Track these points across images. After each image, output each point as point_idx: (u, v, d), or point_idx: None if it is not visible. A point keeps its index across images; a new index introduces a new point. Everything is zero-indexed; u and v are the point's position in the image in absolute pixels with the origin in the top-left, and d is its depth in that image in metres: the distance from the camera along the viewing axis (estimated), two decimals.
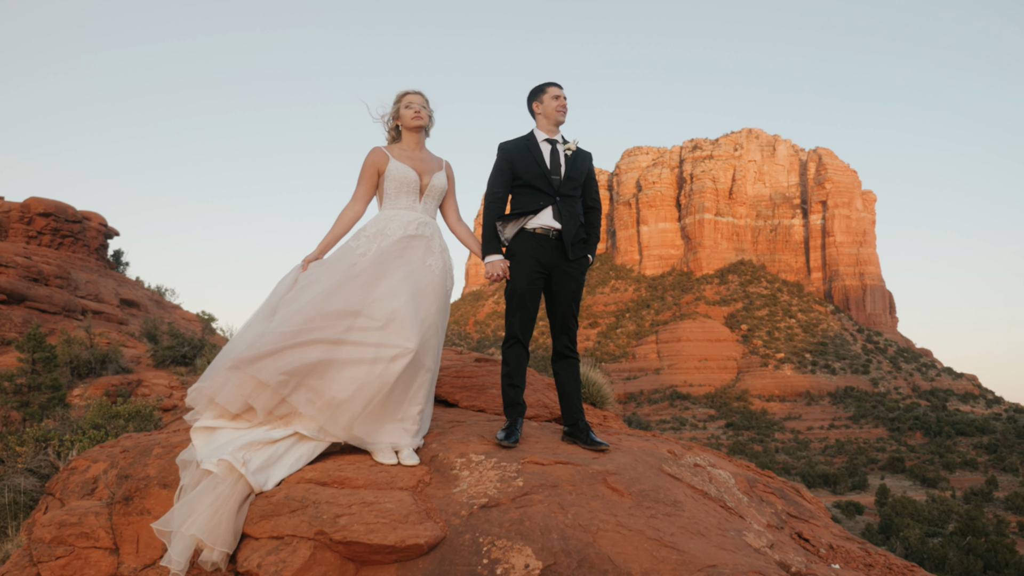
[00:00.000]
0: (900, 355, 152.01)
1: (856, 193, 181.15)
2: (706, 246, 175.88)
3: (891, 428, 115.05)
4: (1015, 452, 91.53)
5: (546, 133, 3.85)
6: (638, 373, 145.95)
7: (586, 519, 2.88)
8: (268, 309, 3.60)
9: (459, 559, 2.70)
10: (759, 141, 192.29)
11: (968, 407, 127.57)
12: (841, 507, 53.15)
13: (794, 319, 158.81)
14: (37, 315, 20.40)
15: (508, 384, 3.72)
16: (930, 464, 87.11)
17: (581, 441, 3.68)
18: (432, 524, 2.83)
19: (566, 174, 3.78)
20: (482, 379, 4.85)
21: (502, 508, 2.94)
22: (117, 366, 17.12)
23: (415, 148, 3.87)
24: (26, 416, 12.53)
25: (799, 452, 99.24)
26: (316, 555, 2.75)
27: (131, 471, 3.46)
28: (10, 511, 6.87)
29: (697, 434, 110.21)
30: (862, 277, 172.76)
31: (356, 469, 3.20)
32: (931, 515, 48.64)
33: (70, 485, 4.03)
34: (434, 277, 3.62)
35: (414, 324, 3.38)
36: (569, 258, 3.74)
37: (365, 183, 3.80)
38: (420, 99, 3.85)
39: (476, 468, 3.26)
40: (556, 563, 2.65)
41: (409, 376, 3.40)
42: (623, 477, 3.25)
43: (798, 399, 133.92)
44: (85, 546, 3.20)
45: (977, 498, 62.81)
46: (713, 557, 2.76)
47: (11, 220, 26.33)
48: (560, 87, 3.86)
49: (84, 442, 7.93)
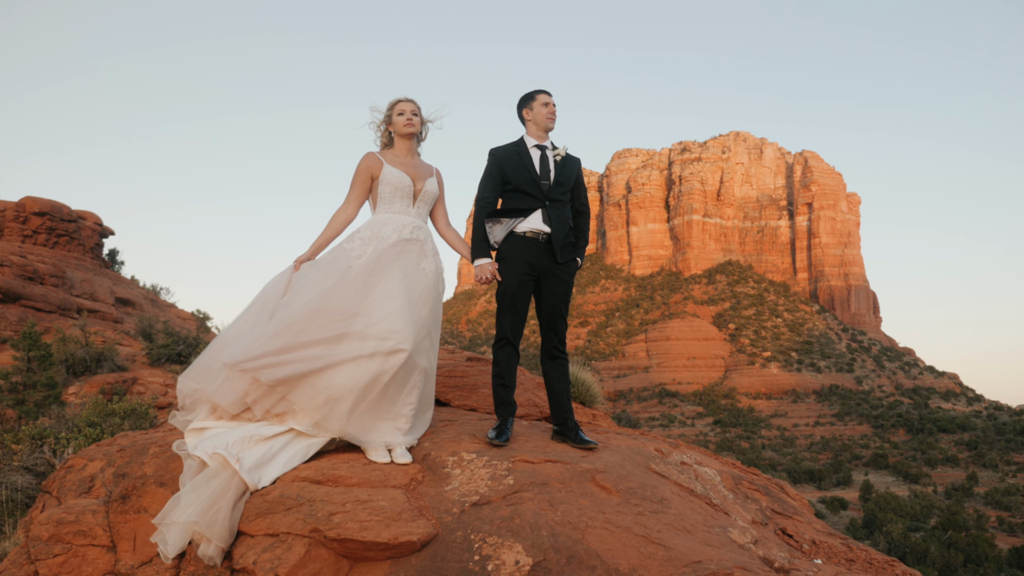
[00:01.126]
0: (883, 354, 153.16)
1: (841, 195, 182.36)
2: (694, 247, 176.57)
3: (875, 425, 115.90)
4: (995, 449, 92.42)
5: (536, 139, 3.86)
6: (628, 371, 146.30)
7: (575, 516, 2.90)
8: (264, 310, 3.59)
9: (451, 556, 2.72)
10: (746, 144, 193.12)
11: (949, 405, 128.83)
12: (826, 502, 53.52)
13: (780, 318, 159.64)
14: (32, 314, 20.24)
15: (499, 384, 3.74)
16: (912, 460, 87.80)
17: (570, 440, 3.70)
18: (425, 521, 2.85)
19: (555, 179, 3.80)
20: (473, 379, 4.87)
21: (493, 506, 2.96)
22: (112, 364, 17.01)
23: (407, 154, 3.87)
24: (22, 414, 12.43)
25: (785, 449, 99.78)
26: (311, 552, 2.76)
27: (128, 470, 3.46)
28: (6, 508, 6.84)
29: (685, 431, 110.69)
30: (847, 277, 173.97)
31: (350, 467, 3.21)
32: (913, 510, 49.04)
33: (67, 483, 4.01)
34: (428, 280, 3.64)
35: (409, 325, 3.40)
36: (558, 261, 3.76)
37: (358, 187, 3.79)
38: (412, 106, 3.85)
39: (468, 466, 3.27)
40: (546, 559, 2.67)
41: (403, 376, 3.41)
42: (611, 475, 3.27)
43: (784, 397, 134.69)
44: (82, 544, 3.20)
45: (958, 494, 63.39)
46: (698, 553, 2.79)
47: (6, 219, 26.09)
48: (549, 94, 3.87)
49: (80, 440, 7.88)
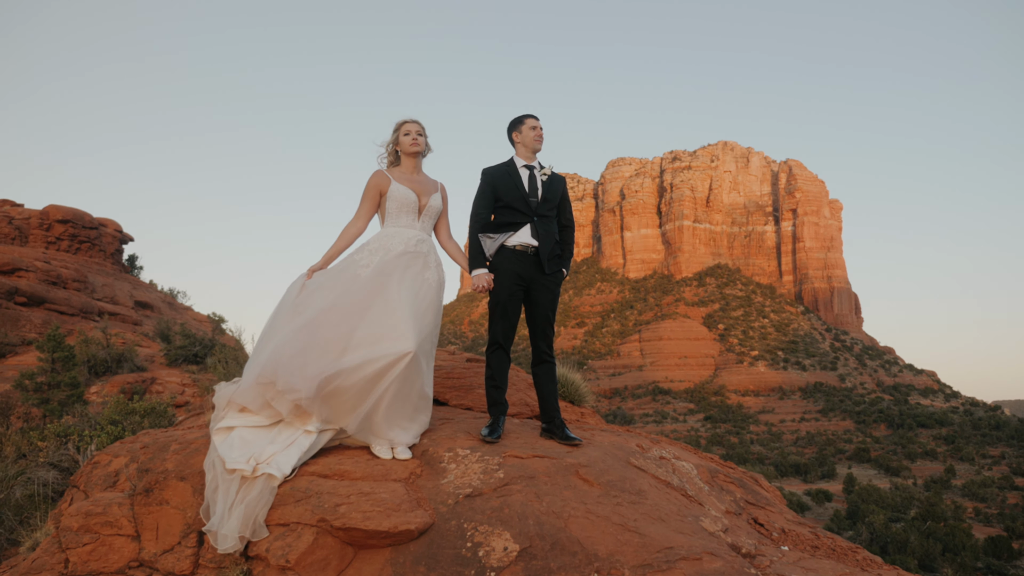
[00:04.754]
0: (865, 353, 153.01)
1: (824, 202, 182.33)
2: (685, 251, 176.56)
3: (857, 421, 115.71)
4: (971, 443, 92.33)
5: (524, 160, 3.97)
6: (622, 370, 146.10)
7: (559, 507, 3.02)
8: (280, 319, 3.65)
9: (446, 543, 2.84)
10: (734, 153, 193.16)
11: (928, 401, 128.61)
12: (811, 495, 53.45)
13: (767, 319, 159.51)
14: (56, 317, 20.33)
15: (491, 386, 3.86)
16: (893, 454, 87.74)
17: (557, 437, 3.82)
18: (422, 512, 2.96)
19: (543, 196, 3.91)
20: (470, 380, 4.98)
21: (485, 497, 3.07)
22: (132, 365, 17.08)
23: (413, 171, 3.96)
24: (46, 413, 12.52)
25: (772, 443, 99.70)
26: (318, 540, 2.88)
27: (151, 465, 3.58)
28: (33, 502, 6.93)
29: (677, 427, 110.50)
30: (830, 280, 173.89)
31: (355, 463, 3.33)
32: (894, 501, 48.96)
33: (93, 478, 4.12)
34: (431, 289, 3.74)
35: (413, 332, 3.48)
36: (546, 272, 3.87)
37: (368, 202, 3.88)
38: (417, 127, 3.93)
39: (462, 461, 3.39)
40: (532, 546, 2.79)
41: (406, 378, 3.49)
42: (593, 469, 3.39)
43: (771, 394, 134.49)
44: (109, 533, 3.31)
45: (936, 486, 63.32)
46: (671, 540, 2.90)
47: (31, 227, 26.20)
48: (537, 119, 3.98)
49: (102, 437, 7.96)
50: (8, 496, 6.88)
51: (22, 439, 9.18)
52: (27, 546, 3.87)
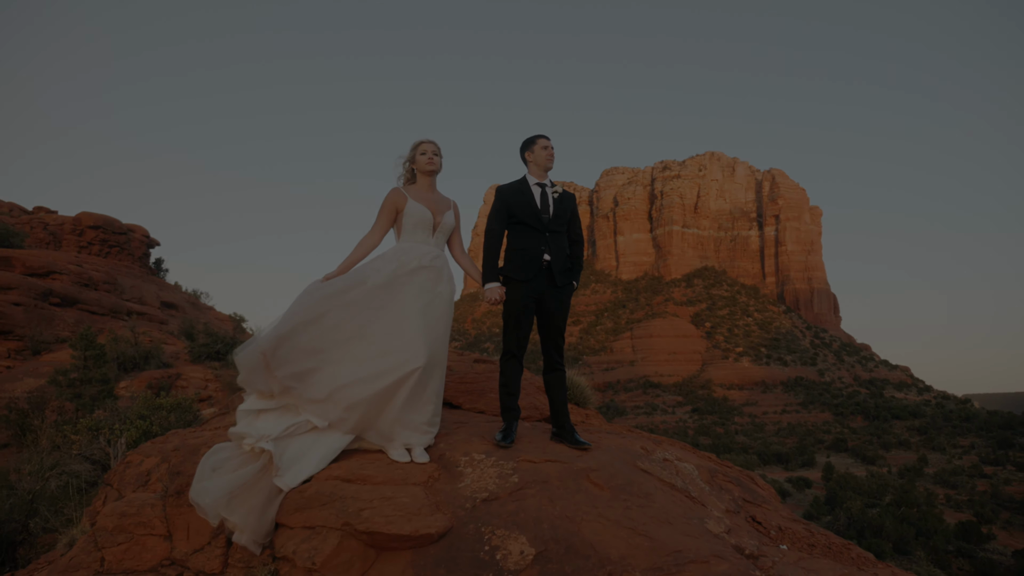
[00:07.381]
0: (843, 349, 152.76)
1: (804, 208, 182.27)
2: (674, 254, 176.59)
3: (835, 413, 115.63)
4: (943, 433, 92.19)
5: (536, 178, 3.91)
6: (615, 365, 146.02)
7: (572, 511, 2.95)
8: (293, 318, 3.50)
9: (465, 546, 2.77)
10: (720, 163, 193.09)
11: (902, 395, 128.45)
12: (792, 482, 53.43)
13: (751, 318, 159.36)
14: (88, 316, 20.30)
15: (505, 393, 3.79)
16: (869, 444, 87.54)
17: (567, 441, 3.75)
18: (441, 516, 2.90)
19: (554, 213, 3.85)
20: (482, 384, 4.91)
21: (500, 501, 3.01)
22: (158, 361, 17.05)
23: (428, 190, 3.88)
24: (79, 407, 12.48)
25: (756, 434, 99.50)
26: (343, 543, 2.82)
27: (182, 468, 3.52)
28: (66, 493, 6.86)
29: (667, 418, 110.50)
30: (810, 281, 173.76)
31: (376, 467, 3.26)
32: (870, 488, 48.85)
33: (126, 478, 4.07)
34: (443, 302, 3.67)
35: (424, 342, 3.44)
36: (557, 284, 3.81)
37: (384, 218, 3.80)
38: (433, 147, 3.86)
39: (478, 466, 3.32)
40: (547, 550, 2.72)
41: (419, 385, 3.44)
42: (603, 473, 3.32)
43: (755, 387, 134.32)
44: (143, 533, 3.25)
45: (910, 474, 63.22)
46: (679, 543, 2.84)
47: (64, 232, 26.17)
48: (548, 139, 3.92)
49: (131, 431, 7.90)
50: (44, 487, 6.82)
51: (56, 432, 9.13)
52: (64, 543, 3.82)
